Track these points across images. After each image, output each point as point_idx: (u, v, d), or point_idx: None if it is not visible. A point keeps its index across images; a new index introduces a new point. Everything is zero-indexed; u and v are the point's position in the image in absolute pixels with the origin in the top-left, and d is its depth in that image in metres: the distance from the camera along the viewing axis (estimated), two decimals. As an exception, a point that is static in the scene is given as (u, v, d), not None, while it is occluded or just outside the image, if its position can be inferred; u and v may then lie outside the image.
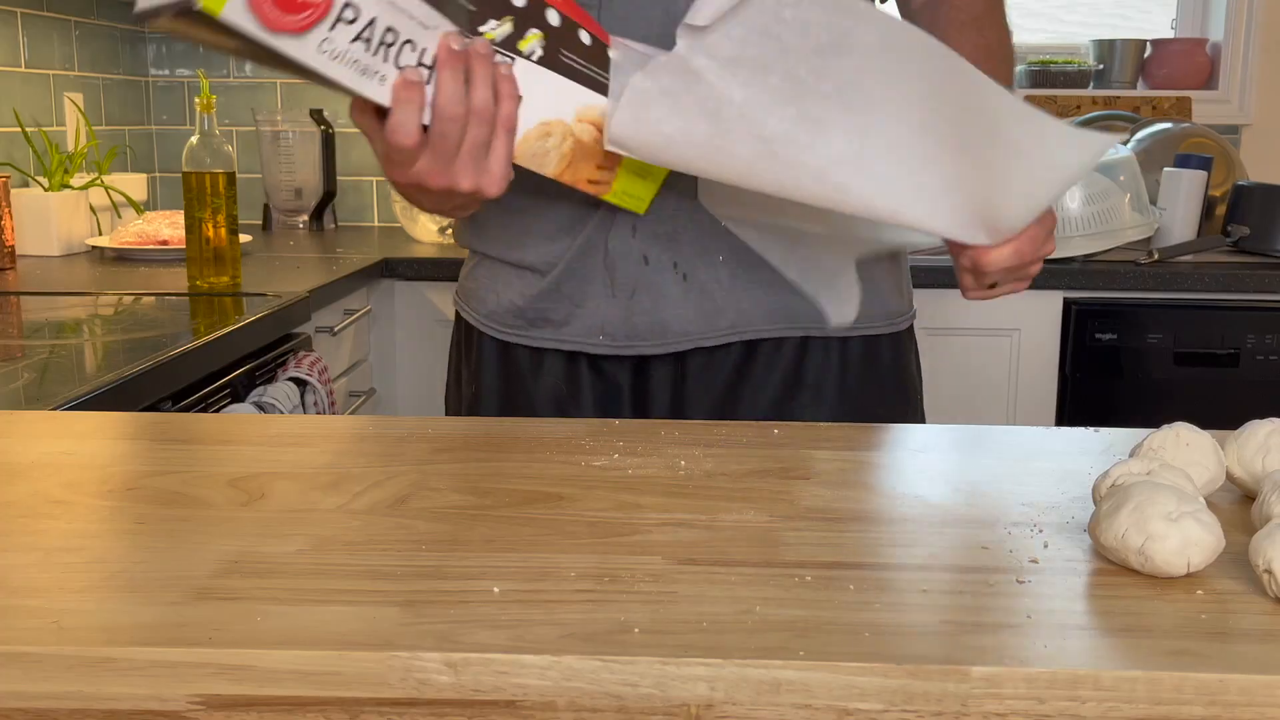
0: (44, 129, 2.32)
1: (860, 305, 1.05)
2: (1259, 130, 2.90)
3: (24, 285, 1.88)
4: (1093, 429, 0.86)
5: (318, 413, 1.68)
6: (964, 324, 2.27)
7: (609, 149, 0.83)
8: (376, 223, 2.89)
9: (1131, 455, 0.70)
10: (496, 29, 0.80)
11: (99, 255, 2.23)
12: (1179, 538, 0.57)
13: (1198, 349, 2.26)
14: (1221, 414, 2.09)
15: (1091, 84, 2.96)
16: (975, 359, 2.29)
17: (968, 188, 0.83)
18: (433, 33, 0.77)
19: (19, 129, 2.23)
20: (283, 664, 0.50)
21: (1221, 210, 2.53)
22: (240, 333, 1.53)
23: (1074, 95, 2.87)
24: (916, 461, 0.80)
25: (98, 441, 0.81)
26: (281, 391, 1.59)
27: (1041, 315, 2.27)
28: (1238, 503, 0.71)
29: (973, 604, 0.56)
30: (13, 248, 2.06)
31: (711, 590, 0.57)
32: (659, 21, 0.93)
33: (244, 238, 2.33)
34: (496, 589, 0.57)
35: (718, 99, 0.78)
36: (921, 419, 1.13)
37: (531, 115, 0.83)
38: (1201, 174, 2.40)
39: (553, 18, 0.82)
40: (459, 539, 0.63)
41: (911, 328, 1.12)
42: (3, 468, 0.74)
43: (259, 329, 1.60)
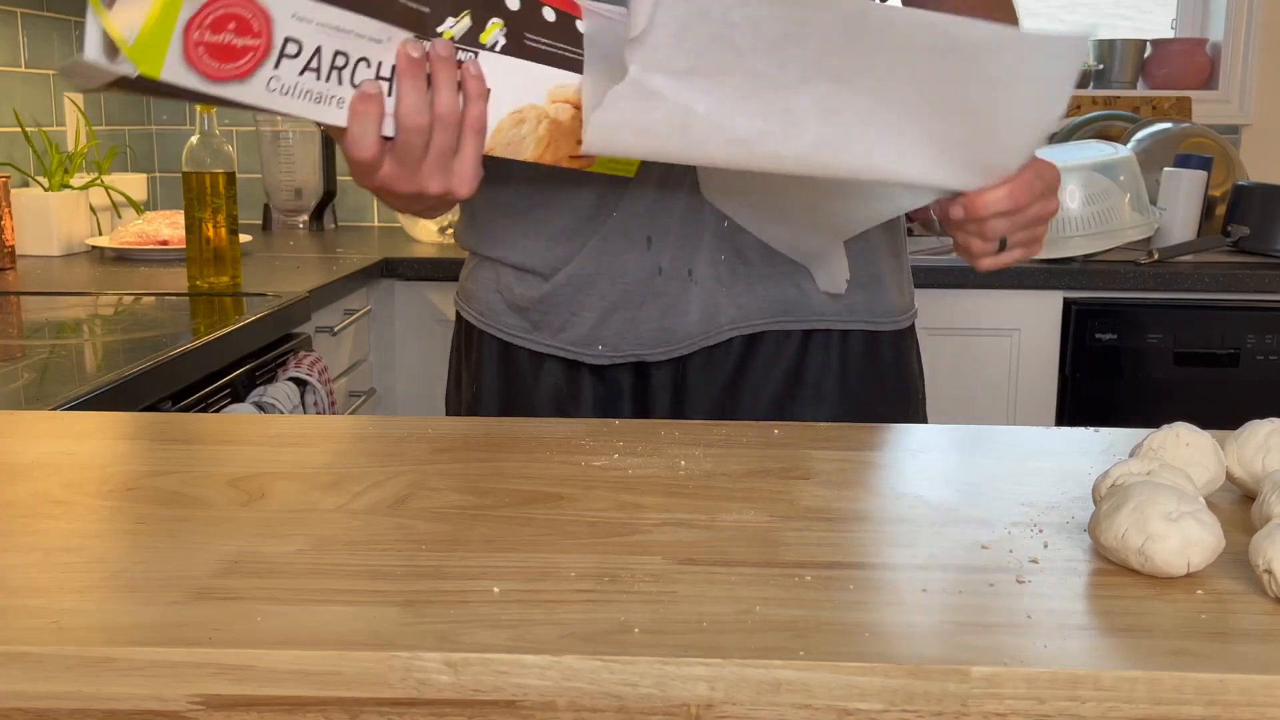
0: (44, 129, 2.32)
1: (865, 296, 1.05)
2: (1259, 130, 2.90)
3: (24, 285, 1.88)
4: (1093, 429, 0.86)
5: (318, 413, 1.68)
6: (964, 324, 2.27)
7: (585, 152, 0.81)
8: (376, 223, 2.89)
9: (1131, 455, 0.70)
10: (455, 26, 0.77)
11: (99, 255, 2.23)
12: (1179, 538, 0.57)
13: (1198, 349, 2.26)
14: (1221, 414, 2.09)
15: (1091, 84, 2.96)
16: (975, 359, 2.29)
17: (953, 135, 0.81)
18: (388, 45, 0.75)
19: (19, 129, 2.23)
20: (283, 664, 0.50)
21: (1221, 210, 2.53)
22: (240, 333, 1.53)
23: (1074, 95, 2.87)
24: (916, 461, 0.79)
25: (98, 441, 0.81)
26: (281, 391, 1.59)
27: (1041, 315, 2.27)
28: (1238, 503, 0.71)
29: (973, 604, 0.56)
30: (13, 248, 2.06)
31: (711, 590, 0.57)
32: None
33: (244, 238, 2.33)
34: (496, 589, 0.57)
35: (684, 112, 0.77)
36: (924, 418, 1.13)
37: (502, 106, 0.81)
38: (1201, 174, 2.40)
39: (512, 2, 0.79)
40: (459, 539, 0.63)
41: (913, 326, 1.12)
42: (3, 468, 0.74)
43: (259, 329, 1.60)
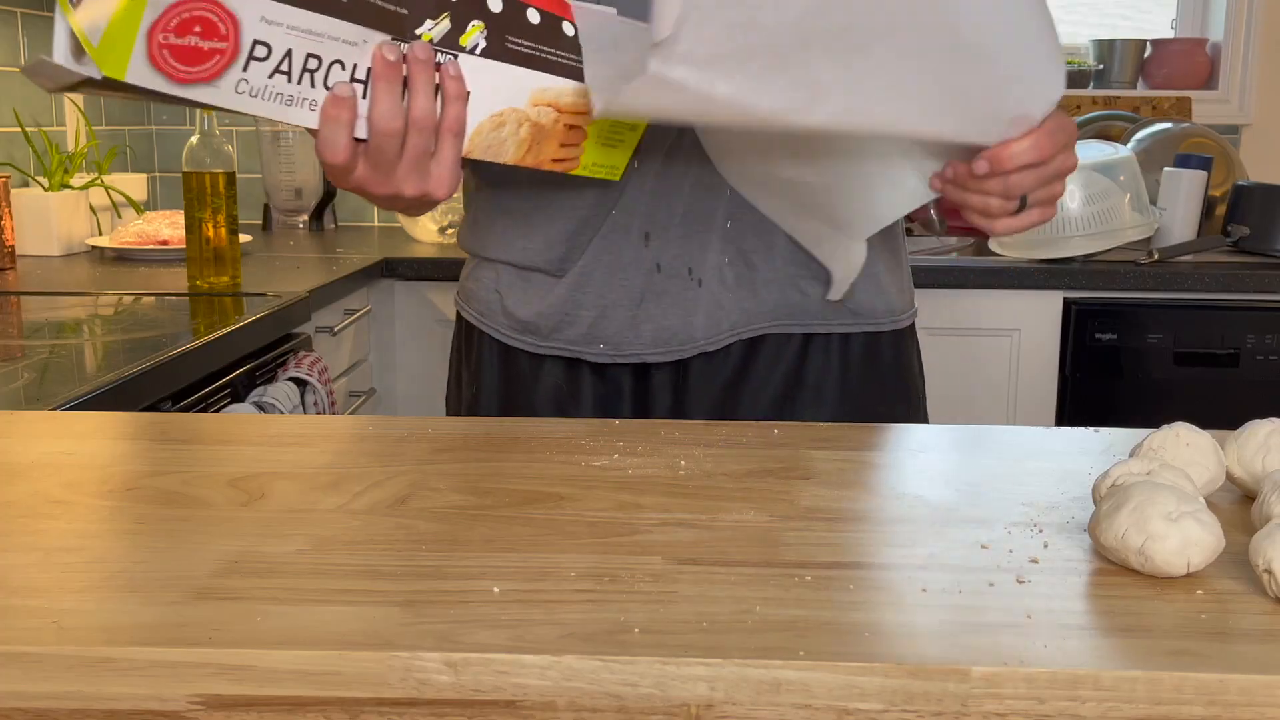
0: (44, 129, 2.32)
1: (864, 296, 1.05)
2: (1259, 130, 2.90)
3: (24, 285, 1.88)
4: (1093, 429, 0.86)
5: (318, 413, 1.68)
6: (964, 324, 2.27)
7: (598, 118, 0.80)
8: (376, 223, 2.89)
9: (1131, 455, 0.70)
10: (434, 28, 0.76)
11: (99, 255, 2.23)
12: (1179, 538, 0.57)
13: (1198, 349, 2.26)
14: (1221, 414, 2.09)
15: (1091, 84, 2.96)
16: (975, 359, 2.29)
17: (976, 88, 0.80)
18: (364, 48, 0.75)
19: (19, 129, 2.23)
20: (283, 664, 0.50)
21: (1221, 210, 2.53)
22: (240, 333, 1.53)
23: (1074, 95, 2.86)
24: (916, 461, 0.79)
25: (98, 441, 0.81)
26: (281, 391, 1.59)
27: (1041, 315, 2.27)
28: (1238, 503, 0.71)
29: (973, 604, 0.56)
30: (13, 248, 2.06)
31: (711, 590, 0.57)
32: None
33: (244, 238, 2.33)
34: (496, 589, 0.57)
35: (704, 98, 0.76)
36: (924, 418, 1.13)
37: (482, 109, 0.80)
38: (1201, 174, 2.40)
39: (494, 4, 0.78)
40: (459, 539, 0.63)
41: (913, 326, 1.12)
42: (3, 468, 0.74)
43: (259, 329, 1.60)
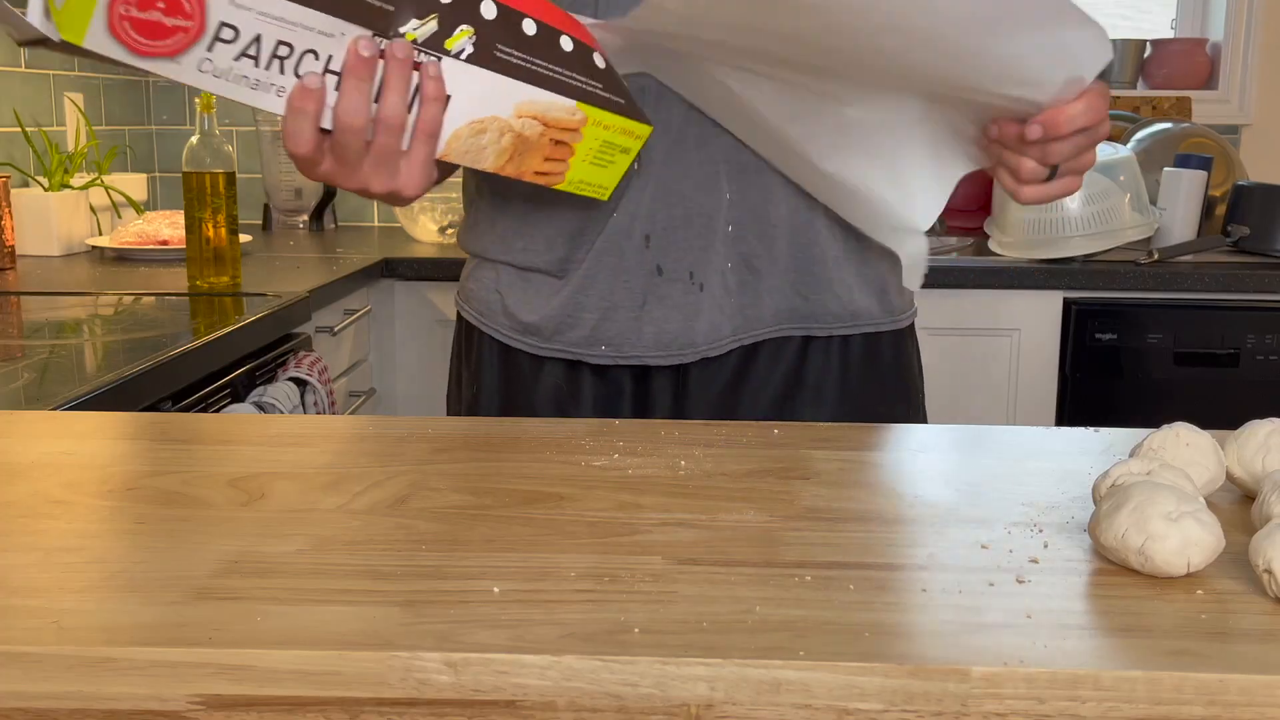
0: (44, 129, 2.32)
1: (863, 297, 1.05)
2: (1259, 130, 2.90)
3: (24, 285, 1.88)
4: (1093, 429, 0.86)
5: (318, 413, 1.68)
6: (964, 324, 2.27)
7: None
8: (376, 223, 2.89)
9: (1131, 455, 0.70)
10: (419, 28, 0.76)
11: (99, 255, 2.23)
12: (1179, 538, 0.57)
13: (1198, 349, 2.26)
14: (1221, 414, 2.09)
15: (1091, 84, 2.96)
16: (975, 359, 2.29)
17: (1035, 57, 0.79)
18: (341, 40, 0.74)
19: (19, 129, 2.23)
20: (283, 664, 0.50)
21: (1221, 210, 2.53)
22: (240, 333, 1.53)
23: (1074, 95, 2.86)
24: (916, 461, 0.79)
25: (98, 441, 0.81)
26: (281, 391, 1.59)
27: (1041, 315, 2.27)
28: (1238, 503, 0.71)
29: (973, 604, 0.56)
30: (13, 248, 2.06)
31: (711, 590, 0.57)
32: None
33: (244, 238, 2.33)
34: (496, 589, 0.57)
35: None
36: (923, 418, 1.13)
37: (462, 114, 0.79)
38: (1201, 174, 2.40)
39: (488, 10, 0.77)
40: (459, 539, 0.63)
41: (913, 326, 1.12)
42: (3, 468, 0.74)
43: (259, 329, 1.60)
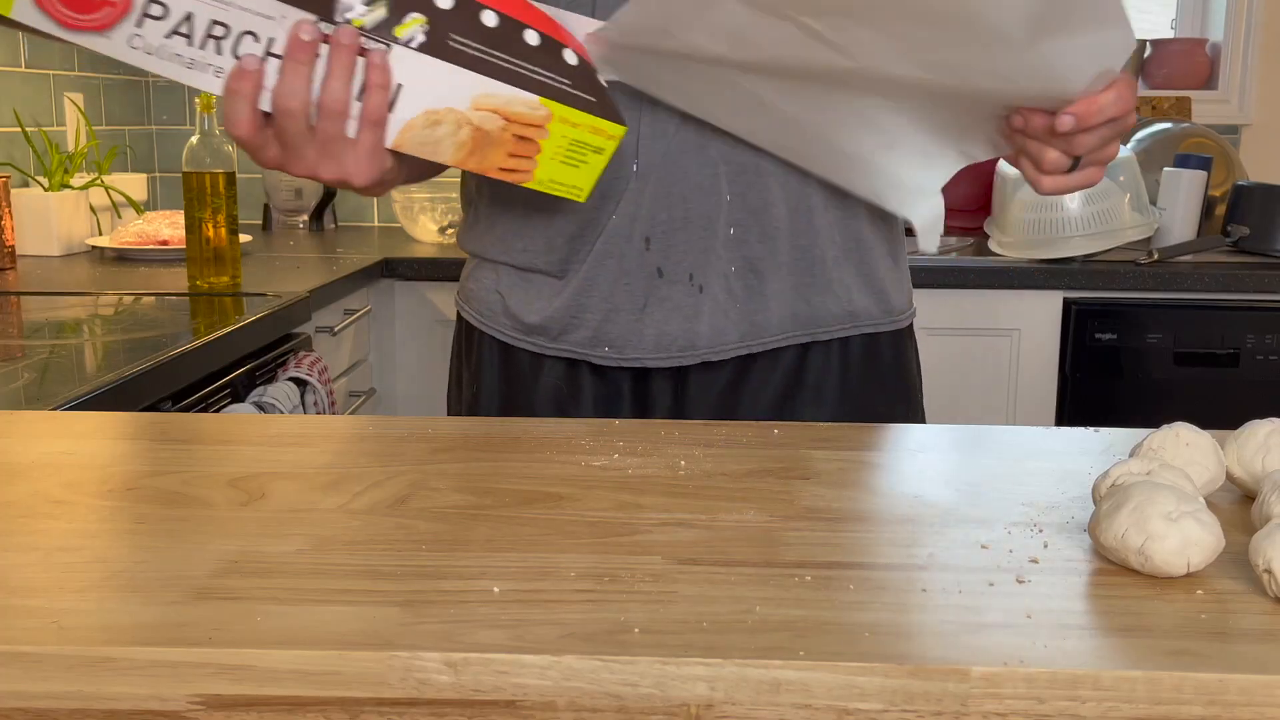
0: (44, 129, 2.32)
1: (863, 297, 1.05)
2: (1259, 130, 2.90)
3: (24, 285, 1.88)
4: (1093, 429, 0.86)
5: (318, 413, 1.68)
6: (964, 324, 2.27)
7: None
8: (376, 223, 2.89)
9: (1131, 455, 0.70)
10: (366, 15, 0.76)
11: (99, 255, 2.23)
12: (1179, 538, 0.57)
13: (1198, 349, 2.26)
14: (1221, 414, 2.09)
15: (1091, 84, 2.96)
16: (975, 359, 2.29)
17: (1080, 44, 0.79)
18: (282, 23, 0.75)
19: (19, 129, 2.23)
20: (283, 664, 0.50)
21: (1221, 210, 2.53)
22: (240, 333, 1.53)
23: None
24: (916, 461, 0.79)
25: (98, 441, 0.81)
26: (281, 391, 1.59)
27: (1041, 315, 2.27)
28: (1238, 503, 0.71)
29: (973, 604, 0.56)
30: (13, 248, 2.06)
31: (711, 590, 0.57)
32: None
33: (244, 238, 2.33)
34: (496, 589, 0.57)
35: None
36: (922, 418, 1.13)
37: (414, 104, 0.79)
38: (1201, 174, 2.40)
39: (443, 0, 0.77)
40: (459, 539, 0.63)
41: (912, 326, 1.12)
42: (3, 468, 0.74)
43: (259, 329, 1.60)
